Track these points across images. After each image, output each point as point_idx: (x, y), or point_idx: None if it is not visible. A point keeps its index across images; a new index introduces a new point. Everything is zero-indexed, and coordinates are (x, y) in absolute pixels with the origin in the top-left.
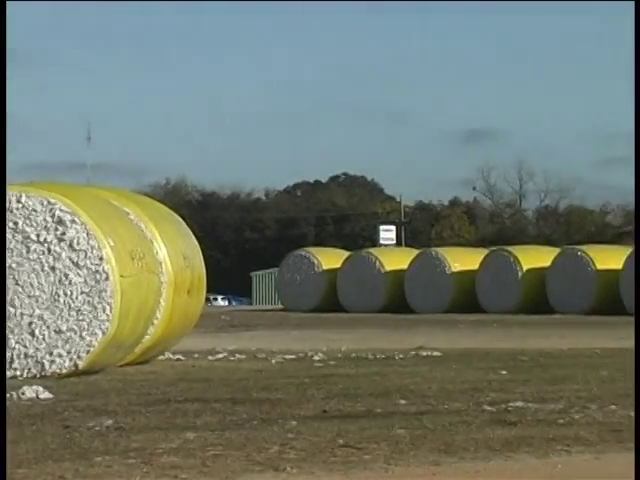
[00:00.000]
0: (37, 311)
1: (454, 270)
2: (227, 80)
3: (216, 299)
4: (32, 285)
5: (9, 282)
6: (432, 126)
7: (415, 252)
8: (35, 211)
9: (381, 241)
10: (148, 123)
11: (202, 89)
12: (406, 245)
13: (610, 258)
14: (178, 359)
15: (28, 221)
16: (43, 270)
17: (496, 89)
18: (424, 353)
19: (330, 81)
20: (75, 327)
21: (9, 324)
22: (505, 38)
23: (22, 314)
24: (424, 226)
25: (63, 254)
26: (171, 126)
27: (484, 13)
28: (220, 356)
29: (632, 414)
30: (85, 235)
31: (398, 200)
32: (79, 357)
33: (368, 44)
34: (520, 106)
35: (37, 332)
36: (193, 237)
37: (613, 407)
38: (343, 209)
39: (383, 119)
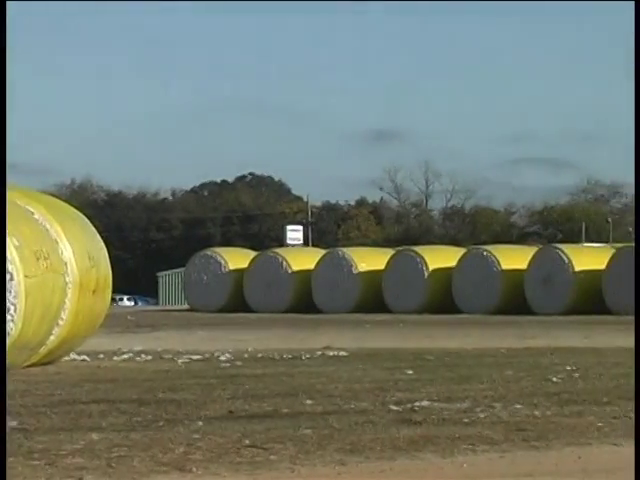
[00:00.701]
0: None
1: (360, 270)
2: (132, 80)
3: (122, 299)
4: None
5: None
6: (339, 126)
7: (322, 252)
8: None
9: (288, 241)
10: (52, 122)
11: (107, 88)
12: (313, 245)
13: (515, 258)
14: (83, 360)
15: None
16: None
17: (402, 90)
18: (331, 353)
19: (237, 81)
20: None
21: None
22: (410, 39)
23: None
24: (331, 226)
25: None
26: (76, 125)
27: (390, 14)
28: (126, 357)
29: (537, 413)
30: None
31: (305, 200)
32: None
33: (272, 44)
34: (426, 107)
35: None
36: (99, 237)
37: (518, 406)
38: (250, 209)
39: (289, 119)
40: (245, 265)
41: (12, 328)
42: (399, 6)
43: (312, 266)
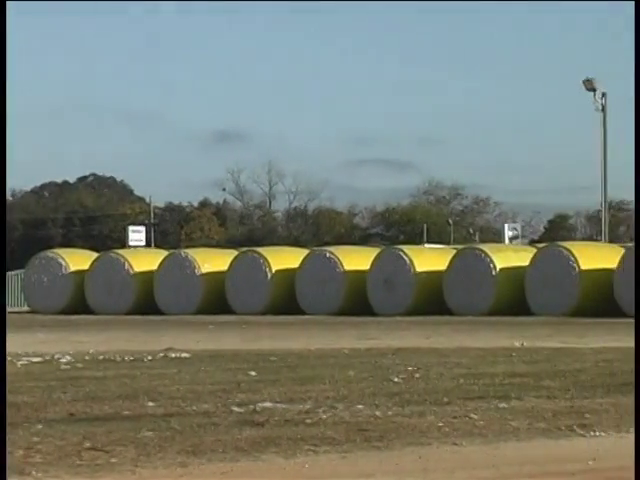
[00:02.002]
0: None
1: (204, 271)
2: None
3: None
4: None
5: None
6: (182, 127)
7: (164, 253)
8: None
9: (130, 242)
10: None
11: None
12: (156, 246)
13: (357, 259)
14: None
15: None
16: None
17: (245, 90)
18: (173, 355)
19: (78, 82)
20: None
21: None
22: (250, 39)
23: None
24: (174, 227)
25: None
26: None
27: (230, 12)
28: None
29: (378, 413)
30: None
31: (148, 201)
32: None
33: (111, 42)
34: (270, 107)
35: None
36: None
37: (360, 406)
38: (91, 210)
39: (132, 120)
40: (86, 266)
41: None
42: (235, 6)
43: (155, 267)
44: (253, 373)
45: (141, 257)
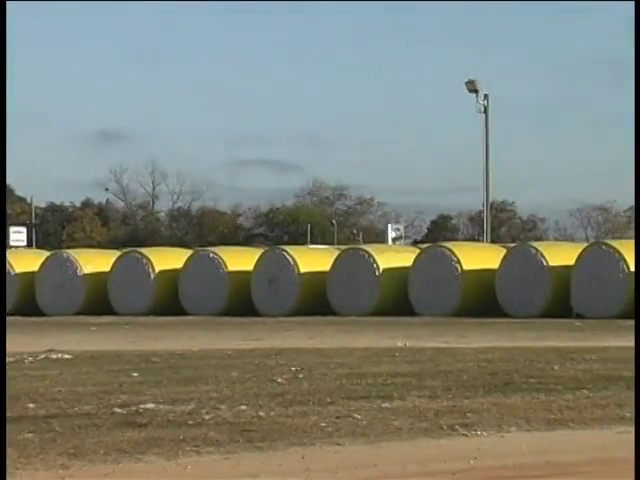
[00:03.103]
0: None
1: (86, 272)
2: None
3: None
4: None
5: None
6: (64, 126)
7: (46, 254)
8: None
9: (11, 243)
10: None
11: None
12: (37, 247)
13: (242, 259)
14: None
15: None
16: None
17: (127, 90)
18: (54, 356)
19: None
20: None
21: None
22: (134, 39)
23: None
24: (55, 228)
25: None
26: None
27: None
28: None
29: (262, 413)
30: None
31: (29, 201)
32: None
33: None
34: (152, 107)
35: None
36: None
37: (243, 407)
38: None
39: (12, 119)
40: None
41: None
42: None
43: (36, 268)
44: (135, 374)
45: (22, 258)
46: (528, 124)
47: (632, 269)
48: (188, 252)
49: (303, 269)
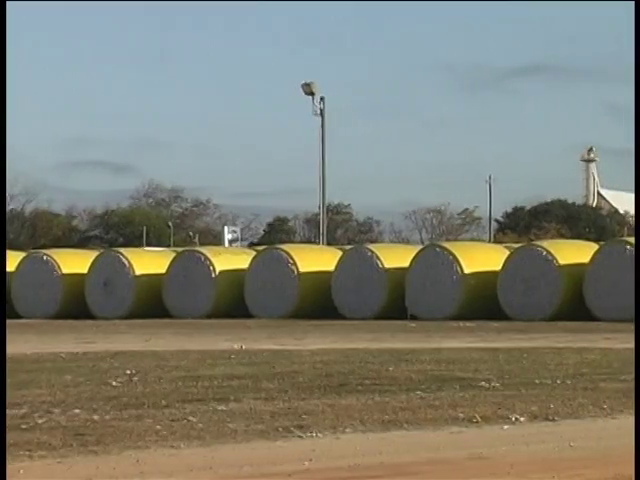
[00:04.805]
0: None
1: None
2: None
3: None
4: None
5: None
6: None
7: None
8: None
9: None
10: None
11: None
12: None
13: (76, 262)
14: None
15: None
16: None
17: None
18: None
19: None
20: None
21: None
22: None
23: None
24: None
25: None
26: None
27: None
28: None
29: (96, 417)
30: None
31: None
32: None
33: None
34: None
35: None
36: None
37: (77, 411)
38: None
39: None
40: None
41: None
42: None
43: None
44: None
45: None
46: (364, 127)
47: (465, 271)
48: (21, 255)
49: (139, 271)
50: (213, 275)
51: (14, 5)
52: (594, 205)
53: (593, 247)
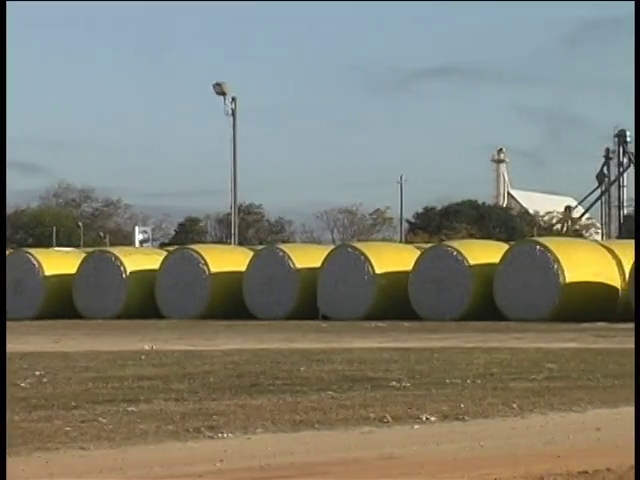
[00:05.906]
0: None
1: None
2: None
3: None
4: None
5: None
6: None
7: None
8: None
9: None
10: None
11: None
12: None
13: None
14: None
15: None
16: None
17: None
18: None
19: None
20: None
21: None
22: None
23: None
24: None
25: None
26: None
27: None
28: None
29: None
30: None
31: None
32: None
33: None
34: None
35: None
36: None
37: None
38: None
39: None
40: None
41: None
42: None
43: None
44: None
45: None
46: (276, 128)
47: (377, 271)
48: None
49: (48, 272)
50: (124, 276)
51: None
52: (504, 205)
53: (503, 247)
